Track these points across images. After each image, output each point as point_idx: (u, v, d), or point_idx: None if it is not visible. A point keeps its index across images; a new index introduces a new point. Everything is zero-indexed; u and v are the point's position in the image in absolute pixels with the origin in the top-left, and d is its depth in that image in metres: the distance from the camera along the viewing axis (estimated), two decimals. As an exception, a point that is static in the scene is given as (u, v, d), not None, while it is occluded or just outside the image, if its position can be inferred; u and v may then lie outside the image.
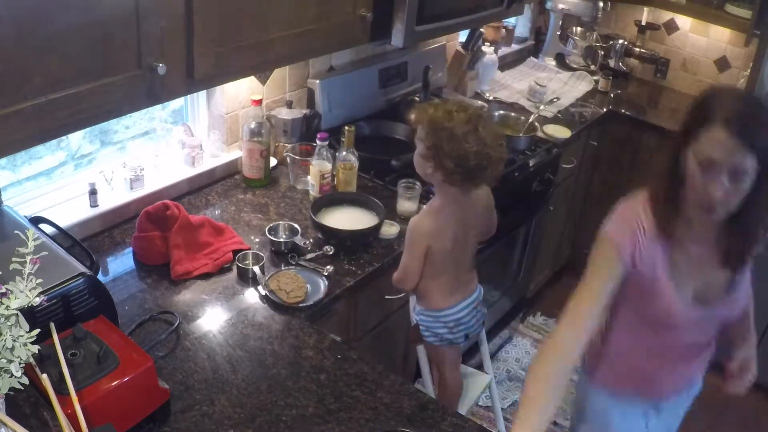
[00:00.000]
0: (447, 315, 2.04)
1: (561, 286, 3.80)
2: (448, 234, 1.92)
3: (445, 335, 2.08)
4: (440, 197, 1.93)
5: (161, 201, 1.97)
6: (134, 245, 1.94)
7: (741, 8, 3.30)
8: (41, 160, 1.97)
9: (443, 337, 2.08)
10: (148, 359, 1.38)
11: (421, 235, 1.90)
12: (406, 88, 2.98)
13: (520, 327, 3.45)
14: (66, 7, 1.33)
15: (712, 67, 3.66)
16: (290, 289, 1.83)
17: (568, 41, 3.80)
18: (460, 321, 2.06)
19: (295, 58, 2.21)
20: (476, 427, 1.54)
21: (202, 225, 1.97)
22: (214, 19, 1.64)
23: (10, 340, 1.09)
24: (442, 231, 1.91)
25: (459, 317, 2.05)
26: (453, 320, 2.05)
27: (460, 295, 2.05)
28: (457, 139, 1.77)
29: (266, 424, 1.48)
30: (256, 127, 2.26)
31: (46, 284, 1.34)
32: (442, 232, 1.91)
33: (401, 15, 2.18)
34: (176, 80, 1.63)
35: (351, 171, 2.30)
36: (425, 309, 2.05)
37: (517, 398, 3.00)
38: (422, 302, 2.06)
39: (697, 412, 3.08)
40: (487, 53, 3.32)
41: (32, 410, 1.35)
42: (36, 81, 1.34)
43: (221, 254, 1.95)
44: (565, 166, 3.13)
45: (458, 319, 2.05)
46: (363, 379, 1.62)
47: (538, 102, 3.33)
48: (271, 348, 1.69)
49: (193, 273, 1.89)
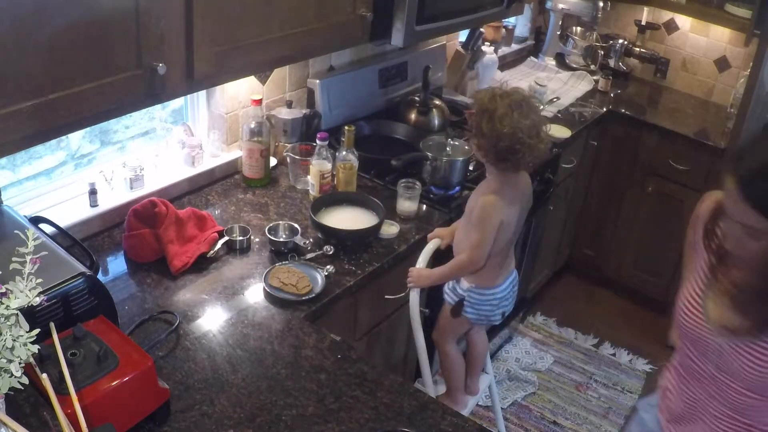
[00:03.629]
0: (496, 293, 2.13)
1: (561, 286, 3.80)
2: (512, 211, 2.02)
3: (488, 313, 2.16)
4: (491, 178, 2.04)
5: (148, 199, 1.98)
6: (125, 244, 1.94)
7: (741, 8, 3.30)
8: (41, 160, 1.97)
9: (483, 315, 2.16)
10: (148, 359, 1.38)
11: (496, 209, 1.98)
12: (406, 88, 2.98)
13: (519, 327, 3.45)
14: (66, 7, 1.33)
15: (712, 66, 3.66)
16: (295, 282, 1.84)
17: (568, 41, 3.80)
18: (504, 299, 2.16)
19: (295, 58, 2.21)
20: (476, 426, 1.54)
21: (189, 218, 2.00)
22: (214, 19, 1.64)
23: (10, 339, 1.09)
24: (510, 208, 2.01)
25: (504, 295, 2.15)
26: (499, 298, 2.14)
27: (507, 273, 2.16)
28: (493, 121, 1.89)
29: (266, 423, 1.48)
30: (256, 126, 2.26)
31: (46, 284, 1.34)
32: (510, 210, 2.01)
33: (401, 15, 2.18)
34: (176, 80, 1.63)
35: (351, 171, 2.30)
36: (477, 286, 2.11)
37: (517, 398, 3.01)
38: (473, 279, 2.12)
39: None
40: (487, 53, 3.32)
41: (32, 410, 1.35)
42: (36, 81, 1.34)
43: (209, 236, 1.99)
44: (565, 166, 3.13)
45: (503, 297, 2.15)
46: (363, 379, 1.62)
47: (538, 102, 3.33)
48: (271, 348, 1.69)
49: (190, 262, 1.91)
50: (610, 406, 3.04)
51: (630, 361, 3.30)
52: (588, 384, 3.15)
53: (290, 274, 1.87)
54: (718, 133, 3.32)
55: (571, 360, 3.28)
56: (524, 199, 2.10)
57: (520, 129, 1.89)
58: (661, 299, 3.54)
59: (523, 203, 2.09)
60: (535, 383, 3.11)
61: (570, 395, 3.08)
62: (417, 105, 2.88)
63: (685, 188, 3.23)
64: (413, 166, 2.45)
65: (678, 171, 3.00)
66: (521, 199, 2.08)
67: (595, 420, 2.96)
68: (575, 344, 3.40)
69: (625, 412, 3.02)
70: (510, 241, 2.11)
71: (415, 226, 2.22)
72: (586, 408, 3.02)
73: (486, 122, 1.92)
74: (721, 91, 3.68)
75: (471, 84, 3.31)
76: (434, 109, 2.85)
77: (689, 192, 3.27)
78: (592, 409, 3.02)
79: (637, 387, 3.17)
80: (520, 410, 2.96)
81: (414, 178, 2.28)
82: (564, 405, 3.03)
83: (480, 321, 2.20)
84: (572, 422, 2.94)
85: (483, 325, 2.29)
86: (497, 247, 2.05)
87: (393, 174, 2.41)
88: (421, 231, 2.20)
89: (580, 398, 3.07)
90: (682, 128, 3.09)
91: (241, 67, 1.84)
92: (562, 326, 3.50)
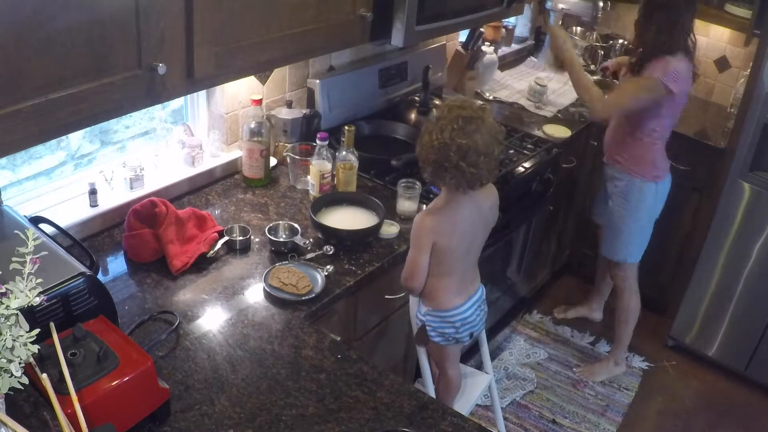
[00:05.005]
0: (454, 315, 2.04)
1: (560, 286, 3.80)
2: (455, 232, 1.92)
3: (452, 335, 2.08)
4: (443, 195, 1.95)
5: (148, 199, 1.98)
6: (125, 244, 1.94)
7: (741, 8, 3.30)
8: (41, 159, 1.97)
9: (450, 337, 2.09)
10: (148, 359, 1.38)
11: (426, 230, 1.91)
12: (406, 88, 2.98)
13: (518, 326, 3.45)
14: (66, 7, 1.33)
15: (712, 66, 3.66)
16: (295, 282, 1.84)
17: (568, 41, 3.80)
18: (467, 320, 2.07)
19: (295, 58, 2.21)
20: (476, 426, 1.54)
21: (189, 218, 2.00)
22: (214, 19, 1.64)
23: (10, 339, 1.09)
24: (448, 229, 1.91)
25: (465, 316, 2.06)
26: (460, 320, 2.05)
27: (466, 294, 2.06)
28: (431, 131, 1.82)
29: (266, 423, 1.48)
30: (256, 126, 2.26)
31: (46, 284, 1.34)
32: (448, 230, 1.91)
33: (401, 15, 2.18)
34: (176, 80, 1.63)
35: (351, 171, 2.30)
36: (433, 309, 2.05)
37: (516, 397, 3.01)
38: (429, 302, 2.05)
39: (698, 411, 3.10)
40: (487, 53, 3.32)
41: (32, 410, 1.35)
42: (36, 81, 1.34)
43: (209, 236, 1.99)
44: (565, 166, 3.13)
45: (465, 318, 2.06)
46: (363, 379, 1.62)
47: (538, 102, 3.34)
48: (271, 348, 1.69)
49: (190, 262, 1.90)
50: (608, 404, 3.05)
51: (627, 359, 3.31)
52: (585, 382, 3.16)
53: (290, 274, 1.87)
54: (718, 133, 3.32)
55: (568, 358, 3.29)
56: (481, 218, 1.99)
57: (451, 147, 1.77)
58: (659, 298, 3.54)
59: (478, 222, 1.98)
60: (534, 381, 3.11)
61: (568, 393, 3.08)
62: (417, 105, 2.89)
63: (685, 188, 3.23)
64: (413, 166, 2.44)
65: (678, 171, 3.01)
66: (475, 219, 1.97)
67: (593, 418, 2.96)
68: (572, 342, 3.40)
69: (622, 410, 3.02)
70: (463, 262, 2.01)
71: (414, 226, 2.22)
72: (584, 406, 3.03)
73: (426, 131, 1.84)
74: (721, 91, 3.68)
75: (471, 84, 3.32)
76: (434, 109, 2.86)
77: (689, 192, 3.28)
78: (590, 408, 3.02)
79: (634, 385, 3.17)
80: (519, 409, 2.97)
81: (414, 178, 2.28)
82: (562, 403, 3.03)
83: (449, 343, 2.11)
84: (571, 420, 2.94)
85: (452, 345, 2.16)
86: (445, 268, 1.96)
87: (393, 174, 2.41)
88: (421, 231, 2.20)
89: (577, 396, 3.08)
90: (682, 128, 3.08)
91: (241, 67, 1.83)
92: (558, 324, 3.50)
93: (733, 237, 3.06)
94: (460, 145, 1.78)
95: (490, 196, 2.02)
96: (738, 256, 3.07)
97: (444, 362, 2.21)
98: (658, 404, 3.11)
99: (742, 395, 3.21)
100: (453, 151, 1.79)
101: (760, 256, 3.01)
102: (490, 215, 2.04)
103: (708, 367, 3.33)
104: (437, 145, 1.80)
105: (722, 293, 3.17)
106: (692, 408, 3.12)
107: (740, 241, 3.04)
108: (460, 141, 1.78)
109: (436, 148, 1.81)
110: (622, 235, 2.92)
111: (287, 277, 1.86)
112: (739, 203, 3.00)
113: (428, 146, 1.83)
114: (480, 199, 1.96)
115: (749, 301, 3.10)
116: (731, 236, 3.06)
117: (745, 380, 3.24)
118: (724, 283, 3.15)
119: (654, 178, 2.79)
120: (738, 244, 3.05)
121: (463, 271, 2.03)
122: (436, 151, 1.81)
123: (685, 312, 3.31)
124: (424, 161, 1.87)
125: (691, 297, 3.27)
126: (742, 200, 2.99)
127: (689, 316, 3.31)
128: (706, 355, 3.33)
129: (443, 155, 1.80)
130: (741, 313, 3.14)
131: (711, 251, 3.14)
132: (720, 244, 3.10)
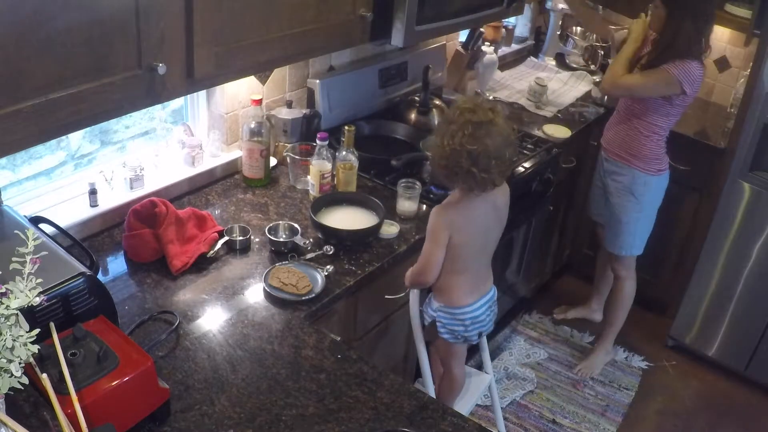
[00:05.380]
0: (465, 313, 2.05)
1: (560, 286, 3.80)
2: (470, 228, 1.94)
3: (461, 333, 2.09)
4: (457, 192, 1.97)
5: (148, 199, 1.98)
6: (125, 244, 1.94)
7: (741, 8, 3.29)
8: (41, 159, 1.97)
9: (459, 335, 2.10)
10: (148, 359, 1.38)
11: (443, 224, 1.92)
12: (406, 88, 2.98)
13: (518, 326, 3.45)
14: (66, 7, 1.33)
15: (712, 66, 3.66)
16: (295, 282, 1.84)
17: (567, 41, 3.80)
18: (477, 319, 2.08)
19: (295, 58, 2.21)
20: (476, 426, 1.54)
21: (189, 218, 2.00)
22: (214, 19, 1.64)
23: (10, 339, 1.09)
24: (464, 224, 1.93)
25: (476, 315, 2.07)
26: (470, 318, 2.07)
27: (478, 293, 2.07)
28: (443, 135, 1.83)
29: (266, 423, 1.48)
30: (256, 126, 2.26)
31: (46, 284, 1.34)
32: (464, 226, 1.93)
33: (401, 15, 2.18)
34: (176, 80, 1.63)
35: (351, 171, 2.30)
36: (445, 306, 2.06)
37: (516, 397, 3.01)
38: (441, 299, 2.06)
39: (698, 411, 3.10)
40: (487, 53, 3.32)
41: (32, 410, 1.35)
42: (36, 81, 1.34)
43: (209, 236, 1.99)
44: (565, 166, 3.13)
45: (475, 317, 2.07)
46: (363, 379, 1.62)
47: (538, 102, 3.34)
48: (271, 348, 1.69)
49: (190, 262, 1.90)
50: (608, 404, 3.05)
51: (626, 359, 3.31)
52: (585, 382, 3.16)
53: (290, 274, 1.87)
54: (718, 133, 3.32)
55: (568, 358, 3.29)
56: (495, 215, 2.01)
57: (462, 152, 1.79)
58: (659, 298, 3.55)
59: (492, 220, 2.00)
60: (534, 381, 3.11)
61: (568, 393, 3.08)
62: (417, 105, 2.88)
63: (685, 188, 3.23)
64: (413, 166, 2.45)
65: (678, 171, 3.01)
66: (490, 216, 1.99)
67: (593, 418, 2.96)
68: (571, 342, 3.40)
69: (622, 410, 3.02)
70: (478, 260, 2.03)
71: (415, 226, 2.22)
72: (584, 406, 3.03)
73: (438, 134, 1.86)
74: (721, 91, 3.68)
75: (471, 84, 3.32)
76: (434, 109, 2.86)
77: (689, 192, 3.28)
78: (590, 407, 3.02)
79: (634, 384, 3.17)
80: (519, 409, 2.97)
81: (414, 178, 2.28)
82: (562, 403, 3.03)
83: (456, 341, 2.12)
84: (571, 420, 2.94)
85: (460, 343, 2.17)
86: (459, 265, 1.97)
87: (393, 174, 2.41)
88: (421, 231, 2.19)
89: (577, 396, 3.08)
90: (682, 128, 3.09)
91: (241, 67, 1.83)
92: (558, 324, 3.50)
93: (733, 237, 3.06)
94: (470, 151, 1.79)
95: (504, 194, 2.04)
96: (738, 256, 3.07)
97: (450, 360, 2.21)
98: (658, 404, 3.11)
99: (742, 395, 3.21)
100: (464, 157, 1.80)
101: (760, 256, 3.01)
102: (504, 211, 2.06)
103: (708, 367, 3.33)
104: (448, 150, 1.82)
105: (722, 293, 3.17)
106: (692, 408, 3.12)
107: (740, 241, 3.04)
108: (470, 147, 1.79)
109: (447, 154, 1.82)
110: (628, 228, 2.94)
111: (287, 277, 1.86)
112: (739, 203, 3.00)
113: (440, 151, 1.85)
114: (494, 196, 1.97)
115: (749, 301, 3.10)
116: (731, 236, 3.06)
117: (745, 380, 3.24)
118: (724, 283, 3.15)
119: (658, 171, 2.83)
120: (738, 244, 3.06)
121: (477, 270, 2.05)
122: (447, 156, 1.83)
123: (685, 312, 3.31)
124: (436, 166, 1.90)
125: (691, 297, 3.27)
126: (742, 200, 2.99)
127: (689, 316, 3.31)
128: (706, 355, 3.33)
129: (454, 161, 1.82)
130: (741, 313, 3.14)
131: (711, 251, 3.14)
132: (720, 244, 3.10)
